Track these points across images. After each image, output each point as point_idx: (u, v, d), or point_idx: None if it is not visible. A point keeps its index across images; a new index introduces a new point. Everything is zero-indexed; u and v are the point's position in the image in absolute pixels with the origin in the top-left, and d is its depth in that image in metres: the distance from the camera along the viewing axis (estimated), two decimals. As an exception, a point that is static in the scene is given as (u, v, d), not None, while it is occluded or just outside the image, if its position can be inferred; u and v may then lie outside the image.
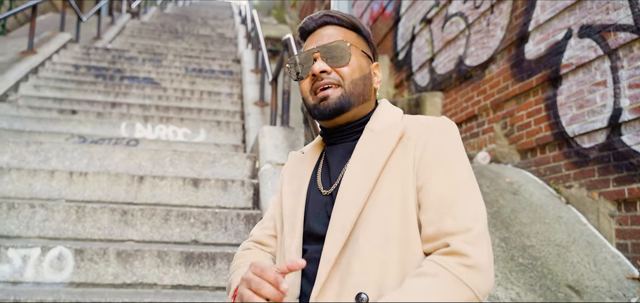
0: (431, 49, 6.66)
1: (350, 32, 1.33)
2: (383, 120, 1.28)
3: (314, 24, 1.35)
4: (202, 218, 3.26)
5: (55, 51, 8.18)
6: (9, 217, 3.05)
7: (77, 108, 6.25)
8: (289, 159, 1.50)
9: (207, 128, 5.99)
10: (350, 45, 1.27)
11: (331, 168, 1.30)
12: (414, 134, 1.21)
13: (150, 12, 15.98)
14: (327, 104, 1.25)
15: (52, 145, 3.89)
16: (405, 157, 1.18)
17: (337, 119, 1.28)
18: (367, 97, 1.30)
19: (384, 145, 1.21)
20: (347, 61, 1.26)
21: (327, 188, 1.28)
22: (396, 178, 1.16)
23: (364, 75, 1.29)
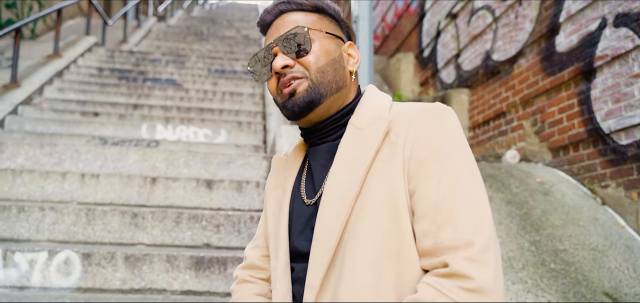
0: (457, 44, 6.43)
1: (311, 14, 1.16)
2: (367, 113, 1.11)
3: (270, 16, 1.18)
4: (214, 221, 3.15)
5: (80, 54, 8.24)
6: (18, 220, 3.00)
7: (100, 110, 6.25)
8: (273, 165, 1.33)
9: (228, 129, 5.90)
10: (309, 29, 1.10)
11: (314, 174, 1.14)
12: (402, 127, 1.03)
13: (177, 15, 16.08)
14: (295, 100, 1.09)
15: (66, 147, 3.85)
16: (393, 156, 1.01)
17: (311, 116, 1.11)
18: (341, 84, 1.13)
19: (368, 143, 1.04)
20: (308, 49, 1.10)
21: (311, 197, 1.13)
22: (384, 183, 0.99)
23: (333, 60, 1.12)
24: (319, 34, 1.12)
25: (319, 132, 1.15)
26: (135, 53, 9.15)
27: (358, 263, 0.96)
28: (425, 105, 1.06)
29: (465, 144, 1.02)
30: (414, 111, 1.05)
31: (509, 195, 3.78)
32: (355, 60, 1.17)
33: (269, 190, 1.27)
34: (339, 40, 1.16)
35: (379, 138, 1.02)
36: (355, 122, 1.10)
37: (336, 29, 1.18)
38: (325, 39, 1.12)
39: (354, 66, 1.16)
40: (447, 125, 1.01)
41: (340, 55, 1.14)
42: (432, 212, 0.93)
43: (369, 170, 1.01)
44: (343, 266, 0.97)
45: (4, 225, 2.98)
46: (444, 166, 0.96)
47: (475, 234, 0.89)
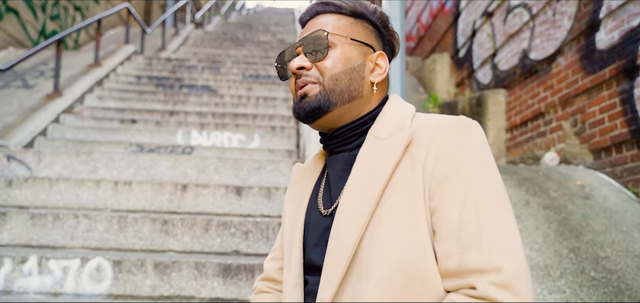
0: (493, 43, 6.27)
1: (345, 18, 1.12)
2: (389, 123, 1.06)
3: (307, 15, 1.17)
4: (243, 228, 3.15)
5: (119, 63, 8.46)
6: (54, 228, 3.08)
7: (137, 117, 6.40)
8: (292, 174, 1.30)
9: (262, 134, 5.93)
10: (329, 34, 1.07)
11: (331, 184, 1.10)
12: (423, 140, 0.98)
13: (214, 22, 16.35)
14: (303, 103, 1.07)
15: (101, 155, 3.94)
16: (413, 171, 0.95)
17: (320, 122, 1.08)
18: (355, 94, 1.08)
19: (387, 155, 0.99)
20: (325, 54, 1.07)
21: (328, 208, 1.09)
22: (403, 198, 0.94)
23: (351, 69, 1.08)
24: (343, 40, 1.08)
25: (337, 139, 1.11)
26: (172, 60, 9.33)
27: (373, 280, 0.91)
28: (449, 118, 1.00)
29: (491, 160, 0.96)
30: (437, 123, 1.00)
31: (546, 200, 3.65)
32: (381, 71, 1.12)
33: (287, 200, 1.24)
34: (367, 49, 1.12)
35: (399, 150, 0.98)
36: (376, 132, 1.06)
37: (369, 36, 1.13)
38: (349, 46, 1.09)
39: (376, 77, 1.11)
40: (472, 140, 0.96)
41: (361, 64, 1.10)
42: (456, 232, 0.88)
43: (388, 184, 0.96)
44: (357, 283, 0.93)
45: (41, 232, 3.07)
46: (469, 183, 0.91)
47: (504, 259, 0.83)
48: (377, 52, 1.14)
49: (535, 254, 3.11)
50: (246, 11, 23.46)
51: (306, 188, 1.18)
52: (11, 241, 3.05)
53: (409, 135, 0.99)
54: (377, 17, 1.15)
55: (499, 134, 5.83)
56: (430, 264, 0.90)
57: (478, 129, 0.99)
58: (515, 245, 0.86)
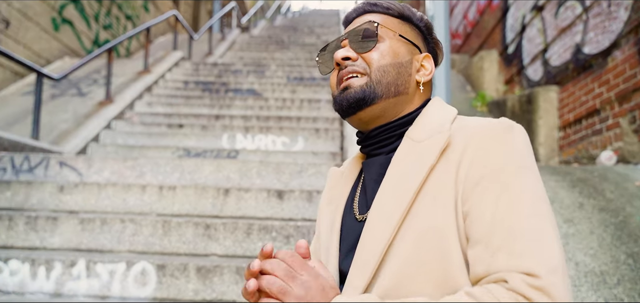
0: (544, 38, 6.02)
1: (393, 18, 1.10)
2: (428, 125, 1.01)
3: (354, 13, 1.14)
4: (284, 232, 3.14)
5: (168, 69, 8.68)
6: (102, 232, 3.16)
7: (184, 122, 6.53)
8: (328, 178, 1.26)
9: (306, 136, 5.93)
10: (379, 25, 1.05)
11: (367, 189, 1.06)
12: (459, 143, 0.92)
13: (260, 26, 16.55)
14: (346, 94, 1.03)
15: (146, 160, 4.03)
16: (447, 174, 0.90)
17: (361, 115, 1.04)
18: (401, 89, 1.04)
19: (422, 159, 0.94)
20: (373, 44, 1.04)
21: (362, 212, 1.04)
22: (434, 203, 0.89)
23: (399, 63, 1.04)
24: (391, 34, 1.06)
25: (374, 140, 1.07)
26: (219, 65, 9.49)
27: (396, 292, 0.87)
28: (489, 120, 0.95)
29: (531, 163, 0.89)
30: (476, 126, 0.94)
31: (602, 202, 3.45)
32: (427, 72, 1.09)
33: (323, 205, 1.20)
34: (414, 48, 1.09)
35: (434, 154, 0.93)
36: (412, 135, 1.01)
37: (416, 37, 1.11)
38: (398, 41, 1.06)
39: (423, 77, 1.08)
40: (511, 142, 0.89)
41: (409, 61, 1.06)
42: (486, 236, 0.82)
43: (421, 189, 0.92)
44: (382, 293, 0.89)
45: (90, 236, 3.16)
46: (504, 186, 0.84)
47: (538, 265, 0.76)
48: (424, 53, 1.11)
49: (590, 260, 2.94)
50: (291, 14, 23.66)
51: (342, 193, 1.15)
52: (62, 245, 3.16)
53: (446, 138, 0.94)
54: (424, 24, 1.13)
55: (551, 132, 5.59)
56: (457, 273, 0.85)
57: (520, 131, 0.92)
58: (553, 250, 0.78)
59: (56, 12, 8.70)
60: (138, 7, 12.38)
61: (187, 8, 16.46)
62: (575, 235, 3.13)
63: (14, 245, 3.16)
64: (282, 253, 0.88)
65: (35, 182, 3.64)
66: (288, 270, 0.86)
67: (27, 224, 3.18)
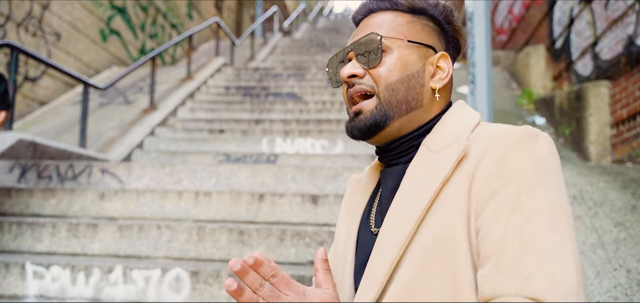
0: (593, 31, 5.73)
1: (403, 16, 0.99)
2: (446, 134, 0.92)
3: (359, 14, 1.04)
4: (318, 238, 3.10)
5: (210, 75, 8.83)
6: (139, 238, 3.22)
7: (225, 127, 6.61)
8: (348, 186, 1.19)
9: (345, 139, 5.88)
10: (382, 38, 0.94)
11: (383, 200, 0.99)
12: (476, 152, 0.84)
13: (302, 29, 16.63)
14: (357, 122, 0.95)
15: (184, 166, 4.08)
16: (460, 185, 0.83)
17: (376, 139, 0.96)
18: (414, 104, 0.95)
19: (436, 171, 0.86)
20: (379, 59, 0.94)
21: (378, 225, 0.97)
22: (445, 218, 0.82)
23: (408, 76, 0.95)
24: (399, 43, 0.95)
25: (392, 152, 1.00)
26: (260, 69, 9.58)
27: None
28: (511, 127, 0.86)
29: (555, 174, 0.80)
30: (495, 132, 0.85)
31: (657, 204, 3.23)
32: (443, 75, 0.98)
33: (342, 213, 1.14)
34: (427, 50, 0.98)
35: (449, 166, 0.85)
36: (429, 144, 0.93)
37: (429, 35, 0.99)
38: (407, 49, 0.95)
39: (438, 82, 0.97)
40: (535, 153, 0.81)
41: (420, 69, 0.96)
42: (495, 254, 0.74)
43: (433, 203, 0.84)
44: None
45: (127, 243, 3.23)
46: (519, 199, 0.76)
47: (547, 290, 0.68)
48: (439, 53, 0.99)
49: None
50: (334, 16, 23.66)
51: (360, 203, 1.08)
52: (101, 251, 3.24)
53: (463, 149, 0.86)
54: (440, 12, 1.01)
55: (602, 130, 5.31)
56: (466, 292, 0.78)
57: (544, 139, 0.83)
58: (567, 272, 0.70)
59: (104, 24, 9.01)
60: (182, 15, 12.68)
61: (230, 14, 16.73)
62: (626, 240, 2.94)
63: (56, 251, 3.26)
64: (267, 268, 0.82)
65: (78, 189, 3.75)
66: (272, 291, 0.81)
67: (69, 231, 3.27)
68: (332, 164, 5.12)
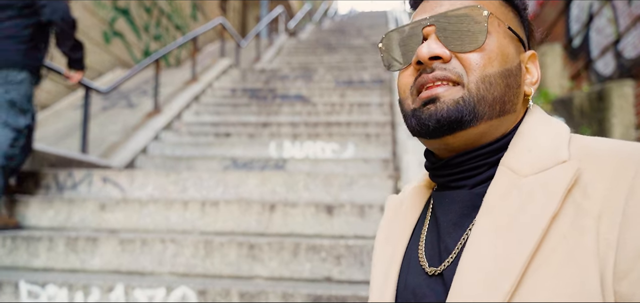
0: (615, 28, 5.49)
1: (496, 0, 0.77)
2: (533, 150, 0.70)
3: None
4: (334, 252, 2.87)
5: (215, 77, 8.61)
6: (142, 253, 3.00)
7: (231, 131, 6.40)
8: (386, 208, 0.95)
9: (356, 142, 5.65)
10: (489, 14, 0.72)
11: (441, 233, 0.75)
12: (596, 183, 0.62)
13: (308, 30, 16.41)
14: (434, 110, 0.71)
15: (189, 174, 3.86)
16: (580, 231, 0.60)
17: (451, 139, 0.73)
18: (509, 108, 0.73)
19: (535, 203, 0.64)
20: (480, 42, 0.71)
21: (434, 265, 0.73)
22: (563, 274, 0.59)
23: (508, 71, 0.73)
24: (500, 28, 0.74)
25: (454, 169, 0.76)
26: (266, 71, 9.36)
27: None
28: (630, 148, 0.64)
29: None
30: (616, 155, 0.64)
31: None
32: (534, 79, 0.78)
33: (378, 245, 0.89)
34: (520, 46, 0.78)
35: (557, 196, 0.62)
36: (513, 164, 0.70)
37: (519, 27, 0.79)
38: (506, 38, 0.75)
39: (531, 87, 0.77)
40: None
41: (518, 66, 0.75)
42: None
43: (539, 249, 0.61)
44: None
45: (130, 258, 3.01)
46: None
47: None
48: (529, 52, 0.79)
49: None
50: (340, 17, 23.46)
51: (402, 234, 0.84)
52: (102, 267, 3.02)
53: (574, 172, 0.63)
54: (523, 5, 0.81)
55: (627, 131, 5.06)
56: None
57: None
58: None
59: (107, 25, 8.81)
60: (187, 16, 12.49)
61: (235, 15, 16.54)
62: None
63: (54, 268, 3.05)
64: None
65: (77, 199, 3.53)
66: None
67: (67, 245, 3.06)
68: (343, 169, 4.89)
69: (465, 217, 0.73)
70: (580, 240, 0.59)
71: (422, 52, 0.72)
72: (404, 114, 0.78)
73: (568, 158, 0.66)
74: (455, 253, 0.71)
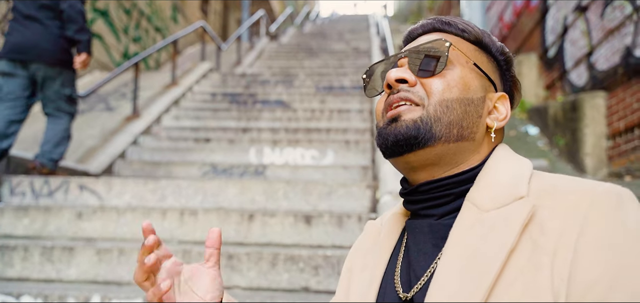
0: (588, 41, 5.63)
1: (468, 44, 0.86)
2: (495, 186, 0.75)
3: (420, 29, 0.91)
4: (312, 263, 2.90)
5: (195, 81, 8.58)
6: (119, 263, 2.99)
7: (211, 136, 6.38)
8: (365, 233, 1.00)
9: (335, 149, 5.69)
10: (451, 46, 0.80)
11: (412, 260, 0.80)
12: (551, 221, 0.67)
13: (289, 33, 16.41)
14: (394, 127, 0.79)
15: (168, 182, 3.85)
16: (537, 267, 0.64)
17: (410, 158, 0.79)
18: (466, 133, 0.79)
19: (495, 237, 0.69)
20: (440, 69, 0.80)
21: (407, 290, 0.79)
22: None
23: (468, 99, 0.80)
24: (465, 61, 0.83)
25: (422, 197, 0.82)
26: (247, 75, 9.35)
27: None
28: (588, 186, 0.69)
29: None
30: (570, 194, 0.69)
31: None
32: (501, 116, 0.84)
33: (355, 266, 0.94)
34: (489, 85, 0.85)
35: (514, 232, 0.68)
36: (476, 199, 0.75)
37: (493, 72, 0.87)
38: (471, 72, 0.83)
39: (495, 121, 0.83)
40: (629, 223, 0.65)
41: (481, 99, 0.82)
42: None
43: (497, 281, 0.66)
44: None
45: (107, 267, 3.00)
46: (635, 295, 0.61)
47: None
48: (500, 93, 0.86)
49: None
50: (321, 20, 23.51)
51: (380, 259, 0.88)
52: (79, 277, 3.00)
53: (529, 209, 0.69)
54: (504, 57, 0.89)
55: (598, 142, 5.20)
56: None
57: (632, 200, 0.67)
58: None
59: (85, 27, 8.71)
60: (167, 19, 12.40)
61: (216, 17, 16.47)
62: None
63: (29, 278, 3.01)
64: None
65: (53, 207, 3.50)
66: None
67: (42, 255, 3.03)
68: (323, 176, 4.92)
69: (433, 247, 0.78)
70: (536, 275, 0.64)
71: (390, 75, 0.82)
72: (376, 134, 0.86)
73: (526, 195, 0.71)
74: (424, 280, 0.76)
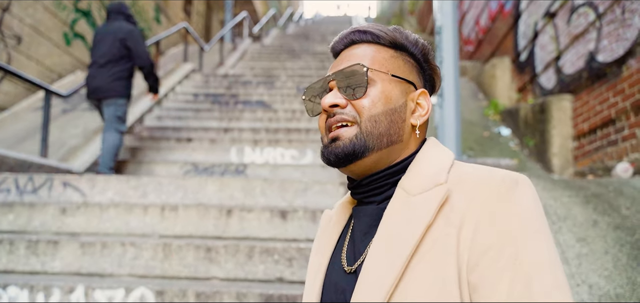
0: (556, 46, 5.88)
1: (385, 50, 1.00)
2: (422, 174, 0.92)
3: (340, 44, 1.04)
4: (286, 255, 3.07)
5: (178, 82, 8.68)
6: (102, 256, 3.12)
7: (193, 136, 6.51)
8: (322, 220, 1.17)
9: (314, 148, 5.86)
10: (368, 69, 0.94)
11: (356, 240, 0.97)
12: (460, 201, 0.84)
13: (272, 34, 16.54)
14: (334, 148, 0.94)
15: (150, 179, 3.99)
16: (447, 236, 0.81)
17: (352, 168, 0.95)
18: (395, 138, 0.95)
19: (417, 216, 0.85)
20: (363, 91, 0.94)
21: (351, 265, 0.95)
22: (433, 269, 0.80)
23: (392, 109, 0.95)
24: (383, 76, 0.96)
25: (364, 189, 0.98)
26: (229, 76, 9.48)
27: None
28: (490, 174, 0.86)
29: (542, 223, 0.81)
30: (477, 181, 0.85)
31: (617, 219, 3.32)
32: (423, 112, 0.99)
33: (313, 253, 1.11)
34: (409, 87, 0.99)
35: (431, 211, 0.84)
36: (406, 186, 0.92)
37: (410, 71, 1.01)
38: (390, 83, 0.96)
39: (418, 119, 0.98)
40: (519, 202, 0.81)
41: (403, 105, 0.97)
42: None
43: (417, 249, 0.83)
44: None
45: (90, 260, 3.13)
46: (518, 257, 0.76)
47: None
48: (419, 90, 1.01)
49: (604, 282, 2.82)
50: (304, 22, 23.64)
51: (329, 241, 1.06)
52: (63, 269, 3.13)
53: (444, 193, 0.85)
54: (419, 50, 1.02)
55: (565, 142, 5.45)
56: None
57: (526, 186, 0.84)
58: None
59: (68, 27, 8.76)
60: (150, 19, 12.45)
61: (199, 19, 16.54)
62: (588, 255, 3.01)
63: (14, 270, 3.14)
64: None
65: (38, 203, 3.62)
66: None
67: (28, 248, 3.15)
68: (301, 175, 5.09)
69: (372, 227, 0.95)
70: (446, 242, 0.81)
71: (324, 102, 0.96)
72: (320, 152, 1.02)
73: (444, 182, 0.89)
74: (364, 256, 0.93)
